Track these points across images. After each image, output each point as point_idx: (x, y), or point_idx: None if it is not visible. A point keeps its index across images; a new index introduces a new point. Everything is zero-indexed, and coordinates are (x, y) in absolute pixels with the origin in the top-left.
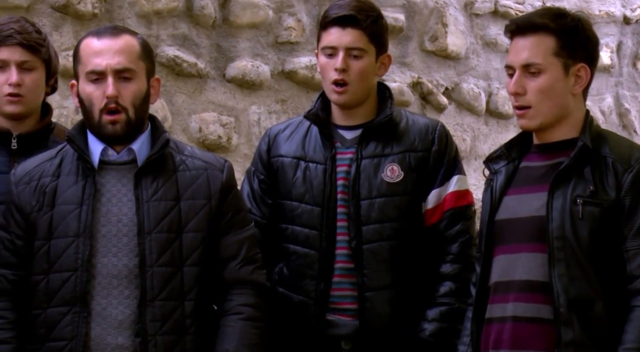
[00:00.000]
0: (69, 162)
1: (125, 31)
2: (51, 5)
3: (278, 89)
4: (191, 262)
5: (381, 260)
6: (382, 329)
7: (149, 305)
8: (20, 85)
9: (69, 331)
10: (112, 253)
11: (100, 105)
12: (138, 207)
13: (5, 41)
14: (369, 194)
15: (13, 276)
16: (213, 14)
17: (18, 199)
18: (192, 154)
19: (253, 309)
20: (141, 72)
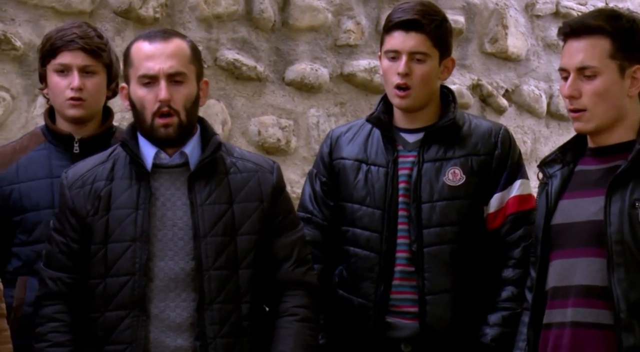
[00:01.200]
0: (121, 165)
1: (175, 34)
2: (114, 10)
3: (337, 92)
4: (246, 264)
5: (442, 263)
6: (442, 332)
7: (208, 308)
8: (82, 90)
9: (128, 334)
10: (169, 257)
11: (153, 109)
12: (193, 211)
13: (68, 46)
14: (430, 198)
15: (69, 279)
16: (272, 17)
17: (72, 202)
18: (241, 155)
19: (307, 310)
20: (191, 76)
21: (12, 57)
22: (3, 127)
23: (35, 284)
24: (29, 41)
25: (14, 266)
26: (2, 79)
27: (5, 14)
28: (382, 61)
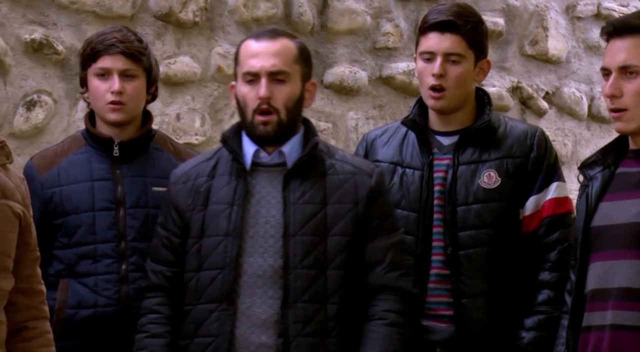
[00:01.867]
0: (224, 163)
1: (284, 35)
2: (154, 14)
3: (376, 94)
4: (335, 265)
5: (477, 266)
6: (478, 336)
7: (292, 306)
8: (122, 93)
9: (215, 328)
10: (259, 253)
11: (254, 106)
12: (285, 209)
13: (108, 50)
14: (466, 200)
15: (169, 273)
16: (311, 20)
17: (175, 198)
18: (342, 158)
19: (397, 315)
20: (296, 75)
21: (54, 61)
22: (45, 130)
23: (77, 286)
24: (71, 45)
25: (55, 269)
26: (44, 83)
27: (48, 18)
28: (417, 63)
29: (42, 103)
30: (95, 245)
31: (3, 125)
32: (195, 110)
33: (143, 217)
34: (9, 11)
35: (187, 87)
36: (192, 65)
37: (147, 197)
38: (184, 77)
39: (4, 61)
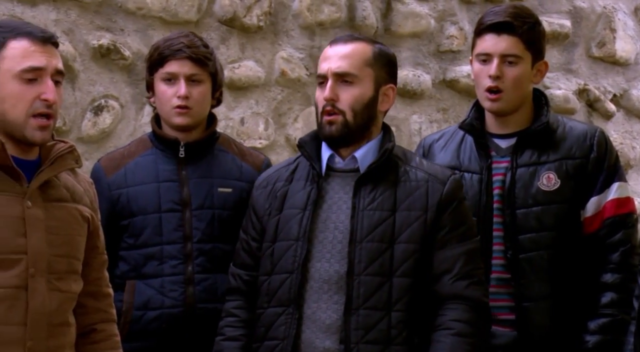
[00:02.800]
0: (302, 168)
1: (360, 39)
2: (218, 19)
3: (439, 98)
4: (401, 273)
5: (539, 270)
6: (541, 340)
7: (354, 313)
8: (188, 98)
9: (282, 331)
10: (326, 259)
11: (321, 108)
12: (353, 215)
13: (175, 55)
14: (525, 203)
15: (247, 277)
16: (375, 24)
17: (255, 202)
18: (418, 165)
19: (465, 324)
20: (366, 78)
21: (121, 66)
22: (112, 135)
23: (143, 288)
24: (137, 51)
25: (121, 270)
26: (111, 88)
27: (115, 24)
28: (473, 65)
29: (110, 108)
30: (162, 246)
31: (71, 130)
32: (259, 114)
33: (209, 219)
34: (78, 17)
35: (251, 92)
36: (256, 69)
37: (213, 198)
38: (248, 81)
39: (72, 67)
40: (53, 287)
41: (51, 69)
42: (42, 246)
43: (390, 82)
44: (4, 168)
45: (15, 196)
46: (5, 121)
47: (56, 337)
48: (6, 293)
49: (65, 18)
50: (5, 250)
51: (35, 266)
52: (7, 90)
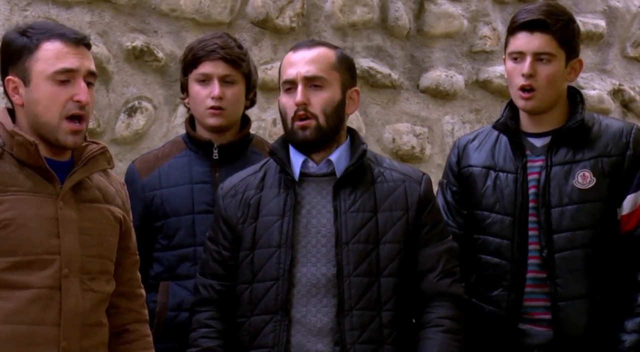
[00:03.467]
0: (272, 175)
1: (322, 44)
2: (251, 20)
3: (472, 98)
4: (388, 273)
5: (575, 269)
6: (577, 339)
7: (347, 314)
8: (222, 99)
9: (271, 339)
10: (312, 263)
11: (292, 113)
12: (336, 218)
13: (209, 56)
14: (560, 202)
15: (220, 287)
16: (407, 24)
17: (225, 211)
18: (390, 166)
19: (452, 321)
20: (334, 82)
21: (155, 68)
22: (145, 136)
23: (177, 289)
24: (171, 52)
25: (155, 271)
26: (145, 89)
27: (149, 26)
28: (506, 63)
29: (143, 109)
30: (195, 248)
31: (105, 132)
32: None
33: None
34: (112, 19)
35: None
36: None
37: None
38: None
39: (106, 69)
40: (86, 287)
41: (84, 70)
42: (75, 246)
43: (353, 85)
44: (37, 169)
45: (48, 197)
46: (39, 123)
47: (90, 337)
48: (40, 293)
49: (99, 20)
50: (39, 251)
51: (68, 267)
52: (41, 92)
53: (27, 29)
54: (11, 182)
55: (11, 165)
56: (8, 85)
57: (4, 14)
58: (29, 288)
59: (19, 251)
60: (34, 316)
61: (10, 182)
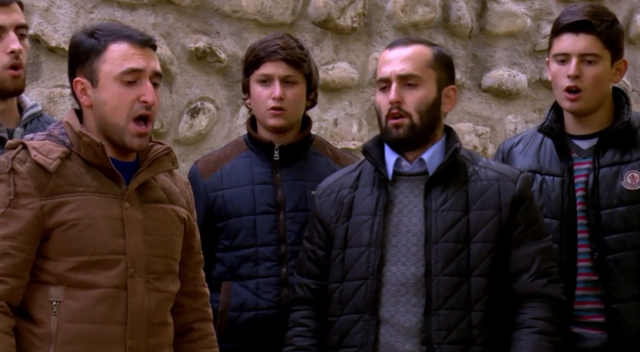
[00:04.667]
0: (366, 174)
1: (419, 41)
2: (312, 21)
3: (535, 98)
4: (479, 272)
5: (628, 270)
6: (633, 341)
7: (434, 314)
8: (283, 99)
9: (359, 338)
10: (401, 262)
11: (386, 112)
12: (426, 217)
13: (270, 57)
14: (609, 203)
15: (315, 286)
16: (470, 24)
17: (320, 210)
18: (486, 164)
19: (546, 322)
20: (429, 80)
21: (217, 69)
22: (208, 137)
23: (239, 289)
24: (233, 53)
25: (218, 272)
26: (207, 90)
27: (211, 27)
28: (550, 65)
29: (205, 110)
30: (256, 248)
31: (169, 132)
32: (352, 116)
33: (302, 221)
34: (175, 21)
35: (345, 93)
36: (349, 70)
37: (307, 201)
38: (341, 82)
39: (169, 70)
40: (151, 287)
41: (149, 71)
42: (140, 246)
43: (450, 83)
44: (104, 170)
45: (114, 198)
46: (107, 124)
47: (155, 336)
48: (107, 293)
49: (163, 22)
50: (105, 251)
51: (134, 266)
52: (108, 93)
53: (94, 30)
54: (78, 182)
55: (78, 166)
56: (76, 86)
57: (70, 16)
58: (96, 288)
59: (86, 251)
60: (101, 315)
61: (77, 182)
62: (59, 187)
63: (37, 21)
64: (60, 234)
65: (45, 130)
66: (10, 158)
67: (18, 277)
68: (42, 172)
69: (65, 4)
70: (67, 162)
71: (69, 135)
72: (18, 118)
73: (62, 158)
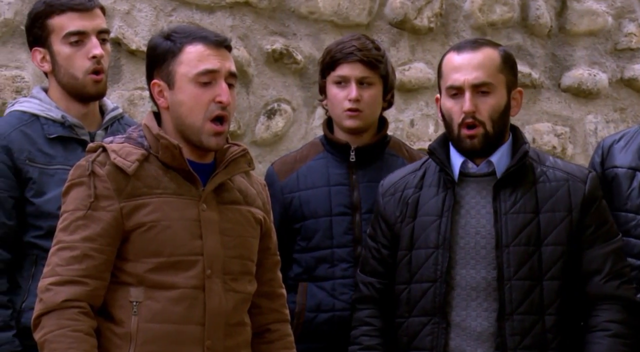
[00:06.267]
0: (431, 174)
1: (485, 44)
2: (389, 21)
3: (616, 97)
4: (551, 275)
5: None
6: None
7: (508, 318)
8: (359, 101)
9: (429, 341)
10: (471, 265)
11: (459, 120)
12: (496, 219)
13: (347, 58)
14: None
15: (379, 285)
16: (549, 22)
17: (384, 209)
18: (554, 165)
19: (621, 325)
20: (500, 85)
21: (294, 70)
22: (285, 138)
23: (315, 290)
24: (309, 54)
25: (295, 272)
26: (284, 92)
27: (288, 29)
28: None
29: (282, 111)
30: (333, 249)
31: (246, 134)
32: (429, 116)
33: None
34: (253, 23)
35: (421, 93)
36: (426, 71)
37: None
38: (418, 83)
39: (247, 71)
40: (229, 287)
41: (225, 71)
42: (217, 247)
43: (516, 85)
44: (181, 172)
45: (191, 199)
46: (184, 125)
47: (233, 336)
48: (185, 293)
49: (240, 24)
50: (183, 252)
51: (211, 267)
52: (184, 94)
53: (170, 33)
54: (156, 184)
55: (156, 168)
56: (154, 88)
57: (150, 19)
58: (175, 288)
59: (164, 252)
60: (179, 315)
61: (155, 184)
62: (138, 189)
63: (117, 24)
64: (139, 235)
65: (124, 133)
66: (91, 161)
67: (99, 279)
68: (121, 175)
69: (145, 7)
70: (145, 164)
71: (147, 137)
72: (100, 121)
73: (141, 160)
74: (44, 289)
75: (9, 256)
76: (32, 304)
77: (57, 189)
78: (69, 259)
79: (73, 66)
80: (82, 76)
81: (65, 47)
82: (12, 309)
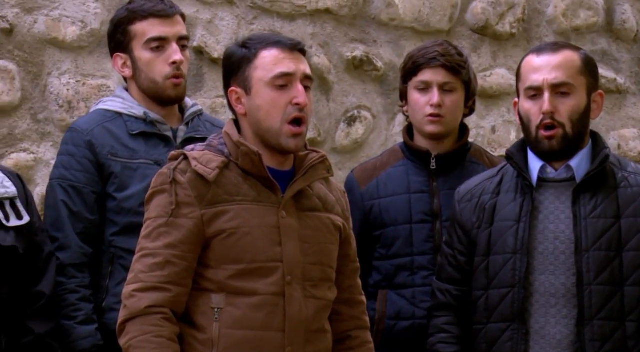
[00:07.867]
0: (508, 179)
1: (566, 46)
2: (470, 27)
3: None
4: (632, 281)
5: None
6: None
7: (587, 324)
8: (441, 106)
9: (508, 348)
10: (550, 271)
11: (537, 121)
12: (576, 224)
13: (429, 63)
14: None
15: (456, 292)
16: (635, 27)
17: (460, 216)
18: (636, 170)
19: None
20: (580, 87)
21: (374, 77)
22: (364, 145)
23: (395, 298)
24: (389, 61)
25: (374, 280)
26: (364, 98)
27: (368, 36)
28: None
29: (362, 118)
30: (413, 257)
31: (326, 141)
32: (510, 123)
33: None
34: (333, 31)
35: (503, 100)
36: (507, 77)
37: None
38: (499, 89)
39: (327, 79)
40: (308, 294)
41: (300, 74)
42: (296, 254)
43: (597, 88)
44: (261, 179)
45: (270, 206)
46: (262, 129)
47: (314, 343)
48: (266, 300)
49: (321, 31)
50: (264, 258)
51: (291, 274)
52: (261, 98)
53: (245, 41)
54: (236, 191)
55: (236, 176)
56: (231, 96)
57: (232, 28)
58: (255, 295)
59: (244, 259)
60: (260, 321)
61: (235, 191)
62: (218, 197)
63: (200, 33)
64: (219, 242)
65: (204, 130)
66: (172, 169)
67: (181, 285)
68: (202, 182)
69: (227, 16)
70: (225, 171)
71: (228, 145)
72: (180, 118)
73: (221, 168)
74: (128, 296)
75: (91, 251)
76: (112, 304)
77: (140, 184)
78: (151, 266)
79: (153, 71)
80: (162, 81)
81: (146, 52)
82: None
